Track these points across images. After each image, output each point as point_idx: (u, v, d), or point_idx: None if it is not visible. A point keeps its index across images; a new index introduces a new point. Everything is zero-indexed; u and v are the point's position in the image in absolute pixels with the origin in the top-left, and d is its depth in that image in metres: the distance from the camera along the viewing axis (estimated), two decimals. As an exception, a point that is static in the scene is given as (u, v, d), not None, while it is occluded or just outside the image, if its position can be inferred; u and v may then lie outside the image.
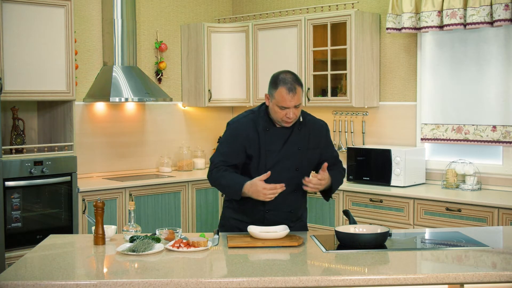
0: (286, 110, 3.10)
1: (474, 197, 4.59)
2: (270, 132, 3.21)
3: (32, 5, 4.86)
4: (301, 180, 3.20)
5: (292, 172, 3.22)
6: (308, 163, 3.29)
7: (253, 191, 3.08)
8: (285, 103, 3.08)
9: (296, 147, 3.23)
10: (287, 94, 3.07)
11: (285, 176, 3.19)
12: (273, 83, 3.14)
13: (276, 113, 3.14)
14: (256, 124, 3.21)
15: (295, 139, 3.23)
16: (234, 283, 2.42)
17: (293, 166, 3.23)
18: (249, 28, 6.10)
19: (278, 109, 3.11)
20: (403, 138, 5.47)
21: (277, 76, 3.15)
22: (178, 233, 3.07)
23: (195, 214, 5.85)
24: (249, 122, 3.23)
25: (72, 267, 2.69)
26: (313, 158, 3.30)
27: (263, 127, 3.21)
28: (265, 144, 3.19)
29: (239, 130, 3.22)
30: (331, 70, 5.55)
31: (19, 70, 4.80)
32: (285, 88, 3.08)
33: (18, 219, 4.80)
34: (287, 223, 3.23)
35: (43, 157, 4.93)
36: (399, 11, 5.18)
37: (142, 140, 6.15)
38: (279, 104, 3.10)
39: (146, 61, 6.15)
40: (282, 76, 3.13)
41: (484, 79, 4.96)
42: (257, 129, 3.20)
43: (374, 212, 4.99)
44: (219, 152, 3.26)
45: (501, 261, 2.73)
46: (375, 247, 2.89)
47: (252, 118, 3.24)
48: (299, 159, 3.24)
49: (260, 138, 3.19)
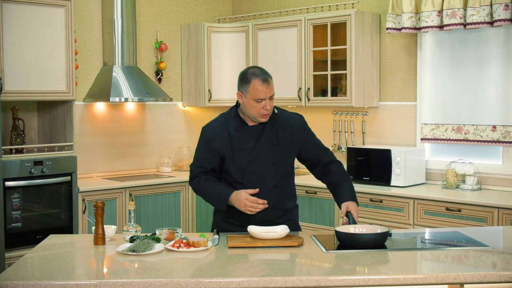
0: (263, 102, 3.12)
1: (474, 197, 4.59)
2: (242, 132, 3.23)
3: (32, 5, 4.86)
4: (280, 176, 3.25)
5: (270, 168, 3.24)
6: (286, 157, 3.29)
7: (236, 199, 3.14)
8: (261, 94, 3.11)
9: (270, 142, 3.24)
10: (261, 86, 3.10)
11: (263, 173, 3.21)
12: (244, 79, 3.16)
13: (252, 108, 3.15)
14: (227, 126, 3.24)
15: (268, 135, 3.24)
16: (234, 283, 2.42)
17: (270, 162, 3.24)
18: (249, 28, 6.10)
19: (254, 103, 3.13)
20: (403, 138, 5.47)
21: (245, 71, 3.19)
22: (178, 233, 3.07)
23: (195, 214, 5.85)
24: (220, 124, 3.27)
25: (72, 267, 2.69)
26: (291, 152, 3.31)
27: (234, 128, 3.23)
28: (238, 144, 3.21)
29: (211, 134, 3.25)
30: (331, 70, 5.55)
31: (19, 70, 4.80)
32: (259, 79, 3.11)
33: (18, 219, 4.80)
34: (274, 219, 3.24)
35: (43, 157, 4.93)
36: (399, 11, 5.18)
37: (142, 140, 6.15)
38: (255, 98, 3.12)
39: (146, 61, 6.15)
40: (251, 70, 3.17)
41: (484, 79, 4.96)
42: (229, 130, 3.23)
43: (374, 212, 4.99)
44: (196, 159, 3.32)
45: (501, 261, 2.73)
46: (375, 247, 2.89)
47: (223, 121, 3.27)
48: (275, 154, 3.24)
49: (232, 139, 3.21)
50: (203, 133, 3.31)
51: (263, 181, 3.21)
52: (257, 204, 3.12)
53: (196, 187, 3.31)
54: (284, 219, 3.30)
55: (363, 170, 5.29)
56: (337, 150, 5.87)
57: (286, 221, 3.29)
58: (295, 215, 3.41)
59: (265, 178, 3.22)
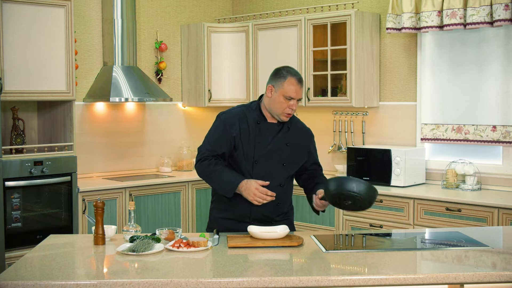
0: (291, 102, 3.14)
1: (474, 197, 4.59)
2: (261, 126, 3.24)
3: (32, 5, 4.86)
4: (286, 176, 3.29)
5: (280, 167, 3.26)
6: (295, 161, 3.33)
7: (246, 187, 3.12)
8: (292, 93, 3.13)
9: (284, 142, 3.27)
10: (295, 85, 3.14)
11: (272, 170, 3.23)
12: (279, 74, 3.18)
13: (279, 104, 3.17)
14: (247, 116, 3.25)
15: (283, 135, 3.27)
16: (234, 283, 2.42)
17: (281, 161, 3.26)
18: (249, 28, 6.10)
19: (283, 99, 3.15)
20: (403, 138, 5.47)
21: (282, 68, 3.21)
22: (178, 233, 3.07)
23: (195, 214, 5.85)
24: (239, 113, 3.26)
25: (72, 267, 2.69)
26: (300, 157, 3.35)
27: (254, 120, 3.24)
28: (255, 136, 3.22)
29: (229, 120, 3.24)
30: (331, 70, 5.55)
31: (19, 70, 4.80)
32: (295, 78, 3.15)
33: (18, 219, 4.80)
34: (273, 217, 3.27)
35: (43, 157, 4.93)
36: (399, 11, 5.18)
37: (142, 140, 6.15)
38: (286, 94, 3.14)
39: (146, 61, 6.15)
40: (287, 68, 3.21)
41: (484, 79, 4.96)
42: (248, 121, 3.23)
43: (374, 212, 4.99)
44: (207, 141, 3.28)
45: (501, 261, 2.73)
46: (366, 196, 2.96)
47: (243, 111, 3.28)
48: (287, 154, 3.28)
49: (250, 130, 3.22)
50: (220, 118, 3.29)
51: (271, 177, 3.21)
52: (266, 195, 3.11)
53: (204, 170, 3.24)
54: (282, 218, 3.33)
55: (363, 170, 5.29)
56: (337, 150, 5.87)
57: (284, 220, 3.33)
58: (292, 215, 3.45)
59: (273, 175, 3.23)
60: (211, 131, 3.30)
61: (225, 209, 3.30)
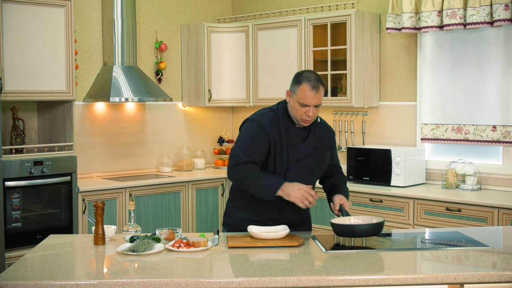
0: (307, 108, 3.10)
1: (474, 197, 4.59)
2: (290, 131, 3.21)
3: (32, 5, 4.86)
4: (314, 181, 3.30)
5: (309, 172, 3.25)
6: (322, 165, 3.33)
7: (293, 188, 3.04)
8: (306, 100, 3.08)
9: (313, 147, 3.25)
10: (310, 91, 3.07)
11: (303, 176, 3.20)
12: (296, 79, 3.14)
13: (296, 110, 3.13)
14: (277, 122, 3.19)
15: (312, 140, 3.25)
16: (234, 283, 2.42)
17: (310, 166, 3.25)
18: (249, 28, 6.10)
19: (299, 106, 3.11)
20: (403, 138, 5.47)
21: (301, 73, 3.16)
22: (178, 233, 3.07)
23: (195, 214, 5.85)
24: (271, 119, 3.20)
25: (72, 267, 2.69)
26: (326, 160, 3.35)
27: (284, 125, 3.20)
28: (287, 143, 3.18)
29: (263, 127, 3.17)
30: (331, 70, 5.55)
31: (19, 70, 4.80)
32: (309, 85, 3.08)
33: (18, 219, 4.80)
34: (297, 222, 3.28)
35: (43, 157, 4.93)
36: (399, 11, 5.18)
37: (142, 140, 6.15)
38: (300, 101, 3.10)
39: (146, 61, 6.15)
40: (306, 73, 3.14)
41: (484, 79, 4.96)
42: (279, 127, 3.18)
43: (374, 212, 4.99)
44: (243, 147, 3.17)
45: (501, 261, 2.73)
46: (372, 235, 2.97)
47: (273, 116, 3.21)
48: (315, 159, 3.26)
49: (282, 136, 3.17)
50: (255, 122, 3.19)
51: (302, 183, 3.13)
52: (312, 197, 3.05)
53: (242, 173, 3.14)
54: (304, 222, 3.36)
55: (363, 170, 5.29)
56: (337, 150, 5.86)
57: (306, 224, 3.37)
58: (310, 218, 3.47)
59: (304, 182, 3.14)
60: (245, 136, 3.20)
61: (248, 210, 3.25)
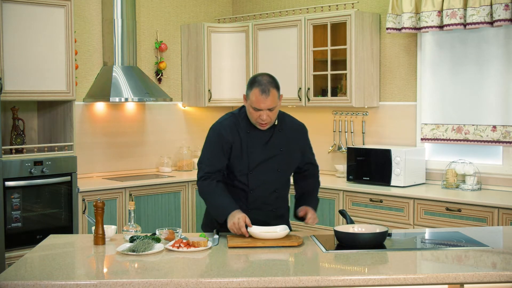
0: (260, 112, 3.11)
1: (474, 197, 4.59)
2: (252, 134, 3.22)
3: (32, 5, 4.86)
4: (282, 181, 3.30)
5: (274, 173, 3.26)
6: (290, 165, 3.33)
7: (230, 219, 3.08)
8: (258, 104, 3.09)
9: (278, 148, 3.25)
10: (260, 95, 3.08)
11: (267, 177, 3.24)
12: (249, 84, 3.15)
13: (251, 114, 3.16)
14: (237, 127, 3.22)
15: (276, 141, 3.25)
16: (234, 283, 2.43)
17: (275, 168, 3.26)
18: (249, 28, 6.10)
19: (253, 110, 3.13)
20: (403, 138, 5.47)
21: (254, 77, 3.17)
22: (178, 233, 3.08)
23: (195, 214, 5.85)
24: (231, 125, 3.23)
25: (72, 267, 2.69)
26: (294, 160, 3.34)
27: (244, 129, 3.22)
28: (247, 146, 3.21)
29: (222, 132, 3.22)
30: (331, 70, 5.55)
31: (19, 70, 4.80)
32: (259, 89, 3.08)
33: (18, 219, 4.80)
34: (269, 220, 3.26)
35: (43, 157, 4.93)
36: (399, 11, 5.18)
37: (142, 140, 6.15)
38: (253, 105, 3.11)
39: (146, 61, 6.15)
40: (258, 77, 3.14)
41: (484, 79, 4.96)
42: (239, 132, 3.21)
43: (374, 212, 4.99)
44: (205, 157, 3.27)
45: (501, 261, 2.73)
46: (374, 246, 2.90)
47: (234, 121, 3.24)
48: (280, 160, 3.26)
49: (242, 140, 3.20)
50: (214, 130, 3.27)
51: (265, 185, 3.24)
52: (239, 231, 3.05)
53: (205, 190, 3.23)
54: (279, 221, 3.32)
55: (363, 170, 5.29)
56: (337, 150, 5.87)
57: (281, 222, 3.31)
58: (287, 216, 3.45)
59: (268, 183, 3.24)
60: (207, 145, 3.29)
61: None
